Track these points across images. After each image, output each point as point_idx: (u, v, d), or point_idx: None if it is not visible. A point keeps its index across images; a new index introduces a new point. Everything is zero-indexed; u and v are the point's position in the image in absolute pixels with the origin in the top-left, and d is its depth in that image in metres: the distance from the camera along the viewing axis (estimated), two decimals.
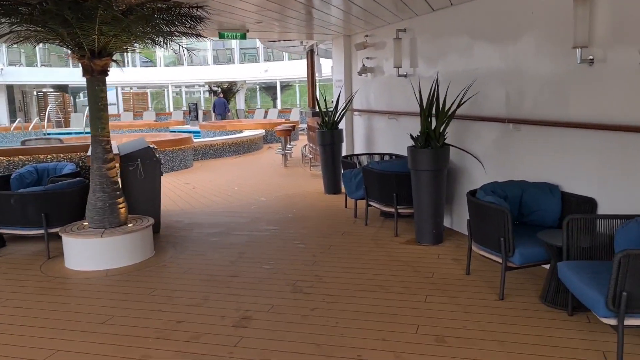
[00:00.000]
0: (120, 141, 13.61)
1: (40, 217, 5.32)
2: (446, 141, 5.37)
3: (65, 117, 26.69)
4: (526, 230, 4.23)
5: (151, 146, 7.22)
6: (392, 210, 5.84)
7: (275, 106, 29.16)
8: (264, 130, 16.79)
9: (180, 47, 5.65)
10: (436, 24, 6.14)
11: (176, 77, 28.13)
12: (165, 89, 30.09)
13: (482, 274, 4.54)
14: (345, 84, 8.79)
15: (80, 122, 22.11)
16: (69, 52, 5.09)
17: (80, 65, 5.09)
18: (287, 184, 9.50)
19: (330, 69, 14.09)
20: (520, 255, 3.89)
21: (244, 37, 7.34)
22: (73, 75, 26.69)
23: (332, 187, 8.30)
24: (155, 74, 28.52)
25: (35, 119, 20.38)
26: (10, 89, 25.76)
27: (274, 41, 12.64)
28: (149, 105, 33.72)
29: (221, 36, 7.26)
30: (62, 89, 28.21)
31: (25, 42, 5.19)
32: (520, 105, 4.87)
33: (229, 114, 24.35)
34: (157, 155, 6.58)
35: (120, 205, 5.25)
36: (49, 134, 20.89)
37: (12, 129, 19.07)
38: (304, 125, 21.84)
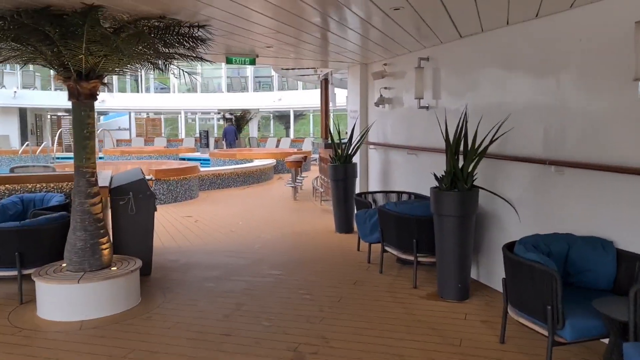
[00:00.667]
0: (124, 168, 13.14)
1: (14, 256, 4.72)
2: (475, 183, 4.73)
3: None
4: (576, 295, 3.53)
5: (148, 177, 6.67)
6: (411, 258, 5.16)
7: (288, 135, 28.76)
8: (274, 160, 16.25)
9: (181, 71, 5.11)
10: (463, 52, 5.56)
11: (189, 104, 27.94)
12: (179, 115, 29.87)
13: (521, 342, 3.82)
14: (361, 115, 8.21)
15: None
16: (55, 73, 4.57)
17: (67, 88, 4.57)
18: (295, 219, 8.86)
19: (345, 99, 13.57)
20: (572, 328, 3.19)
21: (253, 62, 6.83)
22: None
23: (343, 226, 7.64)
24: (169, 100, 28.37)
25: (44, 143, 20.11)
26: (23, 112, 25.68)
27: (288, 69, 12.19)
28: (163, 132, 33.65)
29: (228, 61, 6.75)
30: None
31: (7, 62, 4.69)
32: (563, 144, 4.22)
33: (237, 141, 24.21)
34: (152, 189, 6.00)
35: (104, 246, 4.64)
36: (58, 158, 20.60)
37: (19, 152, 18.76)
38: (317, 156, 21.34)
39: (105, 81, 4.67)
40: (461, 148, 4.76)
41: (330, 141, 8.06)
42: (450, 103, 5.78)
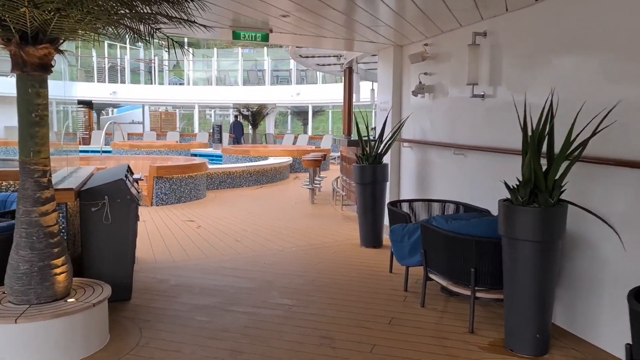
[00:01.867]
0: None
1: None
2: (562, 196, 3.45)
3: (90, 134, 25.65)
4: None
5: (136, 177, 5.51)
6: (466, 292, 3.90)
7: (306, 132, 27.54)
8: (291, 158, 15.04)
9: (169, 40, 3.90)
10: (537, 23, 4.26)
11: (204, 97, 26.82)
12: (193, 109, 28.79)
13: None
14: (393, 107, 6.94)
15: (99, 140, 20.95)
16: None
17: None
18: (313, 228, 7.63)
19: (369, 93, 12.33)
20: None
21: (265, 38, 5.61)
22: (96, 90, 25.70)
23: (370, 238, 6.38)
24: (183, 93, 27.31)
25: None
26: None
27: (307, 57, 10.99)
28: (177, 126, 32.75)
29: (236, 36, 5.54)
30: (87, 104, 27.24)
31: None
32: None
33: (243, 137, 23.80)
34: (137, 192, 4.83)
35: (58, 270, 3.46)
36: (64, 151, 19.68)
37: None
38: (336, 154, 20.10)
39: (62, 48, 3.49)
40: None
41: (356, 137, 6.82)
42: (513, 90, 4.49)
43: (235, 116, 26.05)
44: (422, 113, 6.35)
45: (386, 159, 6.55)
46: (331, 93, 23.54)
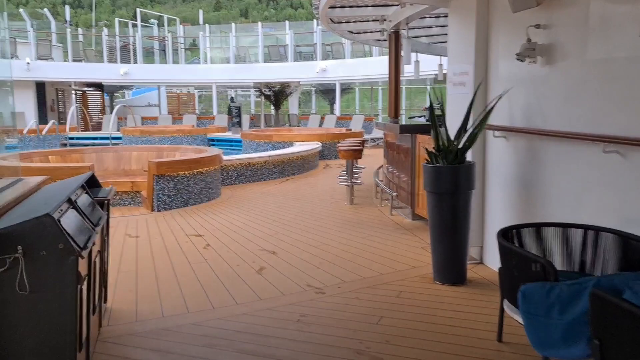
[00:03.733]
0: (128, 155, 10.20)
1: None
2: None
3: (102, 118, 24.07)
4: None
5: (99, 196, 3.63)
6: None
7: (332, 112, 25.43)
8: (319, 144, 13.06)
9: None
10: None
11: (222, 76, 24.82)
12: (211, 90, 26.90)
13: None
14: (476, 80, 4.86)
15: (109, 126, 19.33)
16: None
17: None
18: (359, 247, 5.66)
19: (413, 66, 10.17)
20: None
21: None
22: (106, 71, 24.00)
23: (450, 271, 4.40)
24: (199, 73, 25.41)
25: (52, 121, 17.52)
26: (40, 86, 23.21)
27: (341, 22, 8.92)
28: (196, 108, 31.09)
29: None
30: (97, 86, 25.61)
31: None
32: None
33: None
34: (93, 224, 2.96)
35: None
36: (71, 138, 18.15)
37: (24, 131, 16.22)
38: (369, 136, 18.02)
39: None
40: None
41: (407, 121, 4.77)
42: None
43: (231, 98, 24.60)
44: (526, 87, 4.28)
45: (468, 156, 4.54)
46: (360, 68, 21.42)
